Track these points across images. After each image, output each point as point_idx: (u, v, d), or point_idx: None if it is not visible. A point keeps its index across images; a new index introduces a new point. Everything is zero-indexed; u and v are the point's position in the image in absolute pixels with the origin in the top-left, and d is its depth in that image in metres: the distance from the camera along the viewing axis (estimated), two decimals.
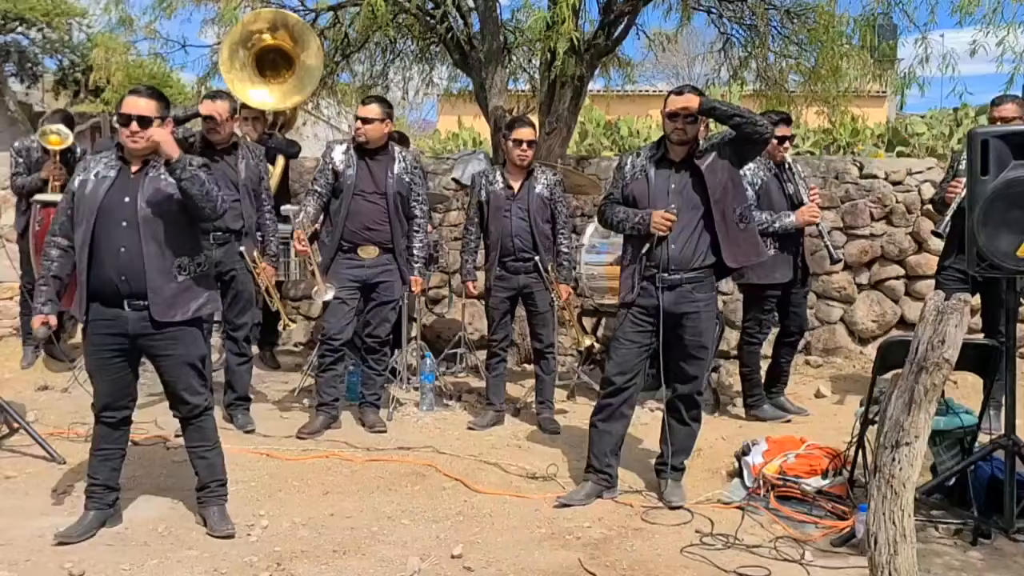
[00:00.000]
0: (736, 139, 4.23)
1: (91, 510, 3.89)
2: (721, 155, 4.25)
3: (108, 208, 3.69)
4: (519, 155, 5.42)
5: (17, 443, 4.93)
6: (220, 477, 4.03)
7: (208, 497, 3.98)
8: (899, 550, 2.55)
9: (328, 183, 5.29)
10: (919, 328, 2.54)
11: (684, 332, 4.28)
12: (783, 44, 7.51)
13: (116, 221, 3.68)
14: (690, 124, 4.23)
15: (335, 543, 3.82)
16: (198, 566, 3.58)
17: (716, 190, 4.21)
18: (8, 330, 7.46)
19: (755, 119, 4.17)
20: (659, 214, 4.18)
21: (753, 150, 4.32)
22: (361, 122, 5.21)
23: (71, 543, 3.72)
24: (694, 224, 4.23)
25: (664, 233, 4.19)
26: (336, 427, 5.38)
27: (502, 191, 5.49)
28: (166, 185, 3.71)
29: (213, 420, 4.06)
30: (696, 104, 4.15)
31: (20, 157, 6.60)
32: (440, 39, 7.51)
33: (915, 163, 7.58)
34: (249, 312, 5.52)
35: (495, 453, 5.03)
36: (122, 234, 3.67)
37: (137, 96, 3.74)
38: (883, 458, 2.58)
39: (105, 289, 3.70)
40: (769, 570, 3.63)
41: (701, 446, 4.93)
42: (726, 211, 4.23)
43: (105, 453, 3.92)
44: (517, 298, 5.55)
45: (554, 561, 3.71)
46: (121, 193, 3.71)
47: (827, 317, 7.36)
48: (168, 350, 3.80)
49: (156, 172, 3.74)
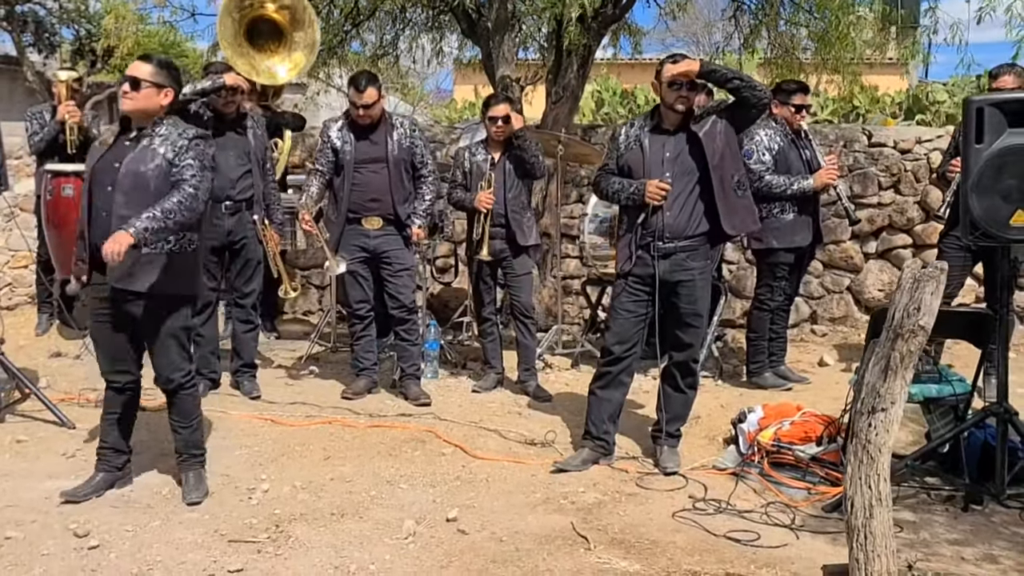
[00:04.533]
0: (734, 104, 4.24)
1: (100, 472, 3.99)
2: (719, 121, 4.26)
3: (99, 173, 3.78)
4: (495, 131, 5.53)
5: (28, 408, 5.05)
6: (195, 449, 4.07)
7: (183, 463, 4.05)
8: (874, 514, 2.60)
9: (329, 161, 5.37)
10: (895, 295, 2.57)
11: (679, 300, 4.32)
12: (793, 11, 7.46)
13: (103, 186, 3.75)
14: (692, 91, 4.24)
15: (333, 506, 3.91)
16: (199, 527, 3.67)
17: (715, 156, 4.22)
18: (23, 298, 7.59)
19: (753, 83, 4.18)
20: (653, 184, 4.20)
21: (750, 116, 4.32)
22: (363, 109, 5.25)
23: (76, 502, 3.82)
24: (688, 191, 4.25)
25: (658, 203, 4.21)
26: (375, 392, 5.53)
27: (483, 162, 5.60)
28: (152, 155, 3.76)
29: (195, 398, 4.08)
30: (696, 69, 4.16)
31: (35, 119, 6.67)
32: (449, 8, 7.51)
33: (924, 131, 7.53)
34: (257, 280, 5.58)
35: (495, 420, 5.10)
36: (106, 198, 3.73)
37: (141, 61, 3.85)
38: (859, 423, 2.62)
39: (96, 254, 3.74)
40: (758, 534, 3.68)
41: (700, 413, 4.99)
42: (724, 177, 4.25)
43: (113, 417, 4.01)
44: (497, 264, 5.64)
45: (547, 524, 3.78)
46: (112, 158, 3.78)
47: (835, 286, 7.36)
48: (147, 318, 3.83)
49: (148, 141, 3.79)
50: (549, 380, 5.86)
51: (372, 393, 5.50)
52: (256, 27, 5.61)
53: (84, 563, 3.35)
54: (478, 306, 5.83)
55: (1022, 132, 3.65)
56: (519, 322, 5.67)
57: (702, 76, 4.19)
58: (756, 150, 5.50)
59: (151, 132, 3.80)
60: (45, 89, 15.56)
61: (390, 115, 5.44)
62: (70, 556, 3.40)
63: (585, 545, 3.58)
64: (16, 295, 7.52)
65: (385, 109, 5.44)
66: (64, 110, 6.40)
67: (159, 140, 3.78)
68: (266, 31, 5.63)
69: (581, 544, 3.59)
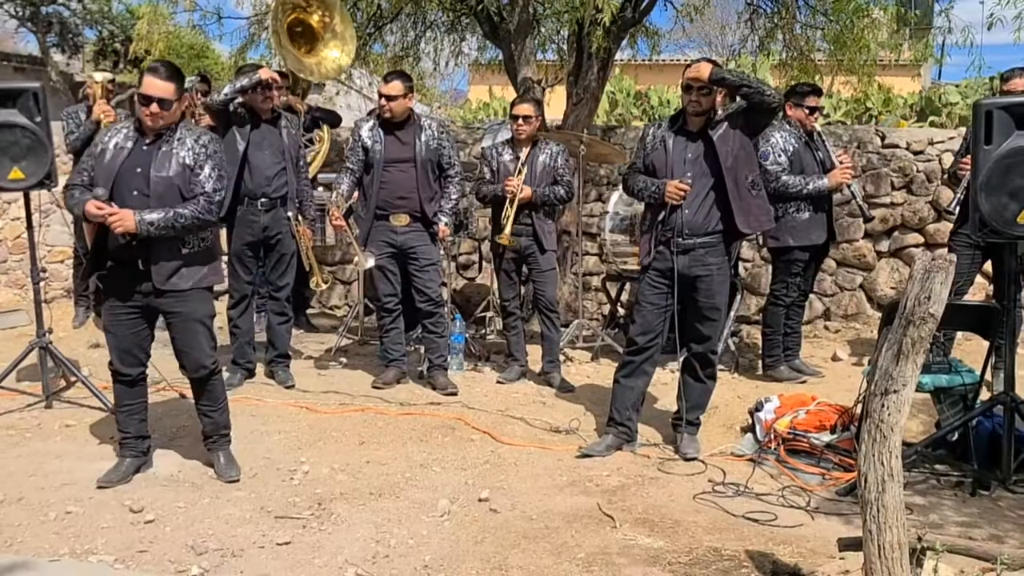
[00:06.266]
0: (747, 109, 4.43)
1: (127, 457, 4.20)
2: (733, 125, 4.45)
3: (122, 178, 3.94)
4: (517, 129, 5.74)
5: (75, 395, 5.29)
6: (224, 430, 4.29)
7: (213, 445, 4.27)
8: (887, 488, 2.79)
9: (359, 160, 5.58)
10: (908, 285, 2.76)
11: (698, 294, 4.52)
12: (809, 14, 7.63)
13: (129, 191, 3.92)
14: (704, 95, 4.41)
15: (371, 487, 4.12)
16: (246, 504, 3.89)
17: (728, 158, 4.41)
18: (60, 292, 7.84)
19: (762, 89, 4.35)
20: (673, 184, 4.40)
21: (763, 119, 4.50)
22: (386, 99, 5.47)
23: (110, 487, 4.02)
24: (707, 192, 4.44)
25: (678, 202, 4.41)
26: (404, 382, 5.73)
27: (510, 162, 5.79)
28: (176, 159, 3.95)
29: (221, 382, 4.31)
30: (706, 74, 4.33)
31: (71, 119, 6.91)
32: (470, 10, 7.70)
33: (936, 133, 7.70)
34: (291, 274, 5.80)
35: (521, 408, 5.30)
36: (134, 202, 3.90)
37: (157, 77, 3.91)
38: (873, 404, 2.81)
39: (120, 253, 3.96)
40: (775, 515, 3.88)
41: (718, 403, 5.18)
42: (738, 178, 4.43)
43: (129, 408, 4.21)
44: (522, 260, 5.84)
45: (574, 505, 3.98)
46: (135, 164, 3.95)
47: (848, 284, 7.54)
48: (177, 307, 4.04)
49: (168, 146, 3.97)
50: (570, 373, 6.06)
51: (401, 383, 5.71)
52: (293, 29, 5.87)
53: (142, 535, 3.57)
54: (502, 300, 6.00)
55: None
56: (544, 316, 5.86)
57: (713, 82, 4.36)
58: (772, 151, 5.69)
59: (170, 137, 3.99)
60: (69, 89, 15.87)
61: (419, 116, 5.65)
62: (128, 529, 3.63)
63: (611, 524, 3.78)
64: (52, 289, 7.76)
65: (414, 110, 5.65)
66: (99, 110, 6.64)
67: (178, 144, 3.98)
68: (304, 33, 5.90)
69: (607, 523, 3.79)
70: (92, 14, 17.10)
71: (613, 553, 3.52)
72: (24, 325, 6.91)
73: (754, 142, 4.66)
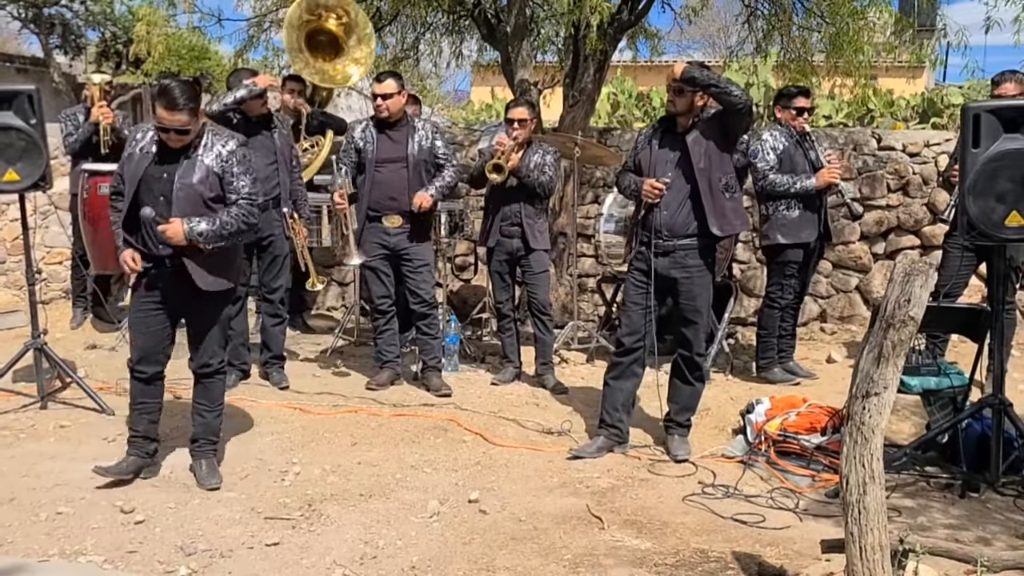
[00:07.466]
0: (721, 111, 4.44)
1: (132, 455, 4.23)
2: (709, 126, 4.46)
3: (147, 182, 4.01)
4: (511, 132, 5.72)
5: (70, 396, 5.32)
6: (213, 436, 4.32)
7: (198, 450, 4.27)
8: (868, 490, 2.80)
9: (352, 161, 5.61)
10: (888, 288, 2.77)
11: (679, 297, 4.54)
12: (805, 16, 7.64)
13: (154, 195, 3.99)
14: (678, 95, 4.41)
15: (362, 487, 4.14)
16: (236, 505, 3.91)
17: (700, 159, 4.41)
18: (58, 293, 7.87)
19: (730, 89, 4.33)
20: (649, 182, 4.43)
21: (735, 120, 4.44)
22: (381, 98, 5.49)
23: (109, 478, 4.05)
24: (685, 193, 4.45)
25: (653, 200, 4.42)
26: (398, 383, 5.75)
27: None
28: (199, 167, 4.01)
29: (223, 385, 4.35)
30: (679, 72, 4.35)
31: (69, 121, 6.94)
32: (469, 13, 7.73)
33: (932, 135, 7.70)
34: (284, 275, 5.82)
35: (513, 410, 5.32)
36: (160, 206, 3.98)
37: (173, 109, 3.87)
38: (855, 407, 2.83)
39: (148, 252, 4.04)
40: (764, 517, 3.90)
41: (710, 405, 5.20)
42: (711, 180, 4.43)
43: (142, 407, 4.24)
44: (515, 262, 5.85)
45: (563, 506, 4.00)
46: (160, 169, 4.01)
47: (843, 286, 7.55)
48: (210, 310, 4.14)
49: (193, 153, 4.02)
50: (565, 374, 6.07)
51: (395, 384, 5.73)
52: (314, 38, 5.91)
53: (132, 536, 3.60)
54: (496, 303, 6.01)
55: (1016, 137, 3.85)
56: (536, 318, 5.88)
57: (683, 81, 4.36)
58: (761, 149, 5.71)
59: (196, 143, 4.04)
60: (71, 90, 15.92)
61: (412, 117, 5.67)
62: (118, 530, 3.65)
63: (599, 525, 3.80)
64: (51, 290, 7.80)
65: (407, 111, 5.67)
66: (98, 112, 6.67)
67: (203, 150, 4.03)
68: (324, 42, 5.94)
69: (595, 524, 3.81)
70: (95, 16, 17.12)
71: (600, 554, 3.54)
72: (22, 326, 6.93)
73: (745, 142, 4.66)
